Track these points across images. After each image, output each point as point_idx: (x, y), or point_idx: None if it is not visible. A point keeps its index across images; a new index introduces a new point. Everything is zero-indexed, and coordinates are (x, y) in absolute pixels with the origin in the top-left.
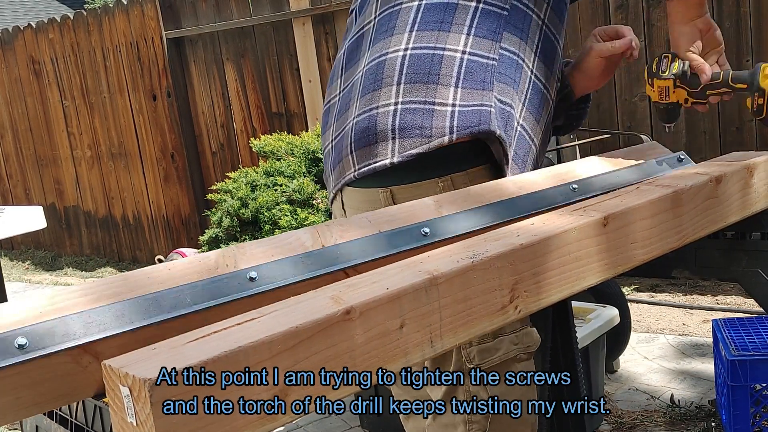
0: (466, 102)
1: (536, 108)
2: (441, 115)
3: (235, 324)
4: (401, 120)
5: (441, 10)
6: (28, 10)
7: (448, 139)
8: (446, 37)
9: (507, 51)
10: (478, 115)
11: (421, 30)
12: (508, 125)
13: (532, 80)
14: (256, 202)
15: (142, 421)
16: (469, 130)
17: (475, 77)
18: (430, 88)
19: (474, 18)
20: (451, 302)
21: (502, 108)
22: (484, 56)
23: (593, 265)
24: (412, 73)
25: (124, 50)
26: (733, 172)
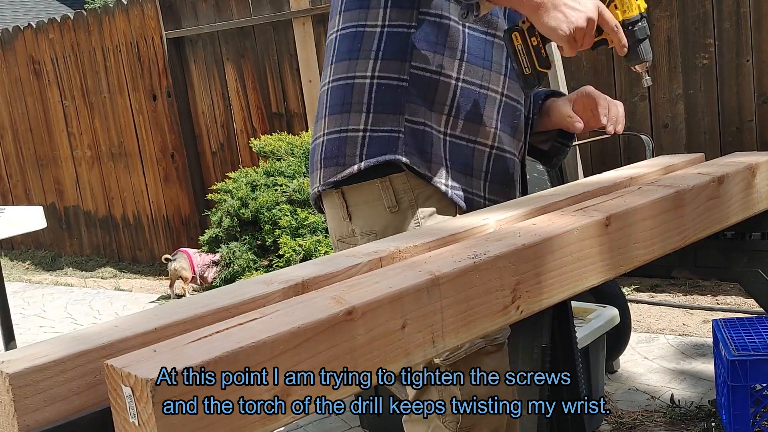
0: (377, 127)
1: (470, 110)
2: (353, 141)
3: (237, 324)
4: (325, 150)
5: (351, 39)
6: (28, 10)
7: (357, 168)
8: (356, 65)
9: (418, 69)
10: (386, 144)
11: (337, 62)
12: (425, 144)
13: (459, 87)
14: (256, 202)
15: (144, 421)
16: (375, 159)
17: (385, 100)
18: (344, 117)
19: (381, 42)
20: (453, 302)
21: (413, 129)
22: (394, 78)
23: (595, 266)
24: (332, 105)
25: (124, 50)
26: (736, 173)
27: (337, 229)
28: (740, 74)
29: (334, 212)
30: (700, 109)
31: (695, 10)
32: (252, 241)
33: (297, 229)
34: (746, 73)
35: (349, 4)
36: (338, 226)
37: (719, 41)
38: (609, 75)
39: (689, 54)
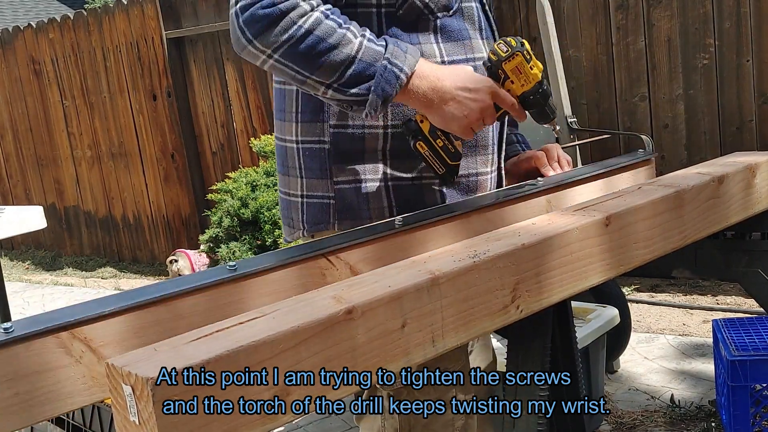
0: (311, 193)
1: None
2: (295, 207)
3: (237, 323)
4: (282, 209)
5: (279, 97)
6: (28, 10)
7: (302, 233)
8: (284, 127)
9: (339, 128)
10: (320, 211)
11: (276, 119)
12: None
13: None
14: (257, 202)
15: (144, 420)
16: (314, 229)
17: (312, 166)
18: (287, 180)
19: (298, 102)
20: (453, 302)
21: (345, 190)
22: (315, 141)
23: (595, 265)
24: (279, 164)
25: (125, 50)
26: (736, 173)
27: None
28: (740, 74)
29: None
30: (700, 109)
31: (695, 10)
32: (252, 241)
33: None
34: (746, 73)
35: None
36: None
37: (719, 41)
38: (609, 75)
39: (689, 54)
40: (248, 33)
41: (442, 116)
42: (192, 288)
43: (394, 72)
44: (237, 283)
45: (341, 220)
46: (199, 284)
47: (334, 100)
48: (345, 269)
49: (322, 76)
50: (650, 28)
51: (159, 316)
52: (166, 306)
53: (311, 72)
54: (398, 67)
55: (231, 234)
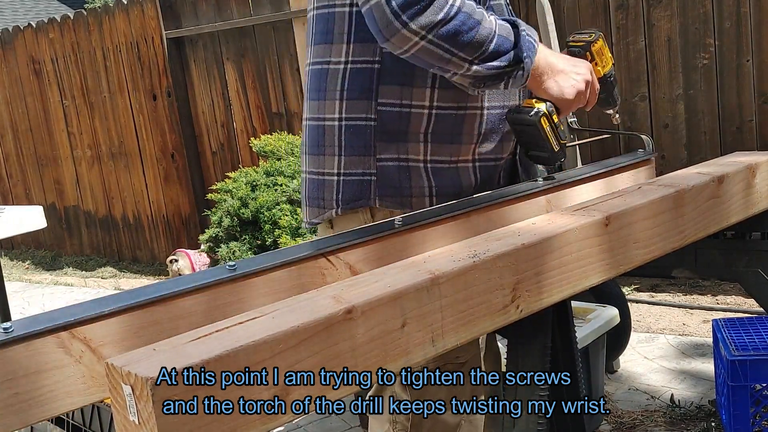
0: (350, 170)
1: (449, 133)
2: (330, 186)
3: (237, 323)
4: (308, 190)
5: (318, 77)
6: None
7: (335, 212)
8: (324, 106)
9: (387, 105)
10: (359, 188)
11: (310, 99)
12: (402, 179)
13: (433, 114)
14: (257, 201)
15: (144, 420)
16: (350, 205)
17: (354, 143)
18: (320, 160)
19: (344, 80)
20: (453, 302)
21: (388, 167)
22: (361, 118)
23: (595, 265)
24: (310, 144)
25: (125, 50)
26: (736, 172)
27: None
28: (740, 74)
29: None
30: (700, 109)
31: (695, 10)
32: (252, 240)
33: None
34: (746, 73)
35: (316, 37)
36: None
37: (719, 41)
38: None
39: (689, 54)
40: (404, 16)
41: (555, 88)
42: (191, 288)
43: (530, 41)
44: (236, 283)
45: (382, 196)
46: (198, 284)
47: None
48: (345, 269)
49: (469, 53)
50: (650, 28)
51: (158, 315)
52: (166, 306)
53: (459, 49)
54: (532, 37)
55: (231, 234)
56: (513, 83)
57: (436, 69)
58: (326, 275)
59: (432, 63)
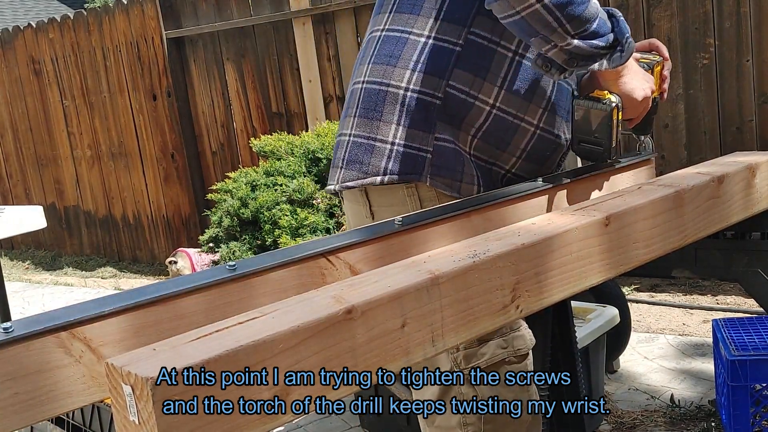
0: (405, 142)
1: (500, 137)
2: (379, 153)
3: (237, 323)
4: (349, 153)
5: (393, 44)
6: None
7: (380, 180)
8: (393, 72)
9: (455, 89)
10: (413, 162)
11: (375, 63)
12: (453, 161)
13: (492, 113)
14: (256, 201)
15: (144, 420)
16: (400, 177)
17: (416, 116)
18: (374, 125)
19: (422, 54)
20: (453, 301)
21: (443, 147)
22: (428, 94)
23: (595, 265)
24: (364, 107)
25: (124, 50)
26: (736, 172)
27: (357, 223)
28: (740, 74)
29: (356, 207)
30: (700, 109)
31: (695, 10)
32: (252, 240)
33: (297, 229)
34: (746, 73)
35: (401, 5)
36: (359, 221)
37: (719, 41)
38: None
39: (689, 54)
40: None
41: (630, 86)
42: (191, 288)
43: (627, 28)
44: (236, 283)
45: (434, 175)
46: (198, 284)
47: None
48: (345, 269)
49: (575, 26)
50: (650, 28)
51: (159, 315)
52: (166, 306)
53: (568, 21)
54: (626, 27)
55: (231, 234)
56: (607, 64)
57: (536, 38)
58: (326, 275)
59: (536, 30)
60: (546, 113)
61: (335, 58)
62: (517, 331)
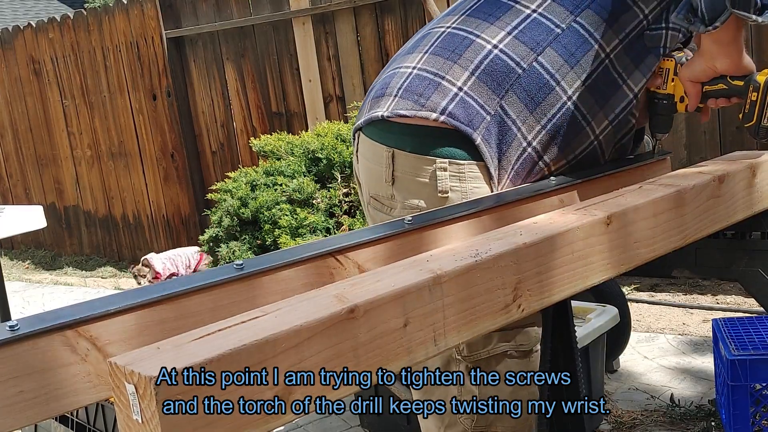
0: (473, 93)
1: (564, 135)
2: (443, 92)
3: (239, 322)
4: (410, 83)
5: (496, 6)
6: (28, 9)
7: (434, 118)
8: (486, 28)
9: (542, 67)
10: (472, 115)
11: (470, 16)
12: (503, 140)
13: (566, 106)
14: (256, 201)
15: (147, 419)
16: (454, 122)
17: (493, 75)
18: (447, 65)
19: (523, 22)
20: (455, 301)
21: (503, 120)
22: (514, 60)
23: (596, 264)
24: (441, 47)
25: (124, 50)
26: (737, 172)
27: (372, 184)
28: None
29: (376, 167)
30: None
31: None
32: (252, 240)
33: (297, 229)
34: None
35: None
36: (375, 183)
37: None
38: None
39: None
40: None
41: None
42: (198, 287)
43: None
44: (243, 282)
45: (485, 140)
46: (205, 283)
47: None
48: (354, 269)
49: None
50: None
51: (164, 314)
52: (172, 305)
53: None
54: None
55: (231, 234)
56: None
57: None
58: (335, 275)
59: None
60: (610, 127)
61: (335, 58)
62: (527, 327)
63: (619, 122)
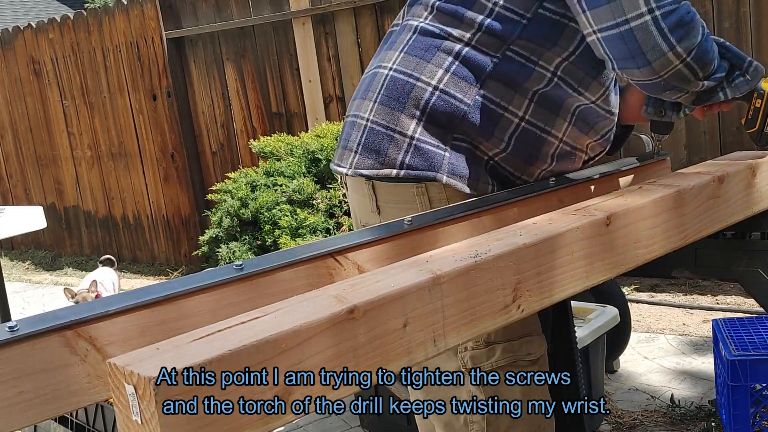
0: (425, 138)
1: (525, 151)
2: (397, 145)
3: (239, 323)
4: (366, 138)
5: (429, 39)
6: (28, 10)
7: (395, 173)
8: (425, 67)
9: (486, 99)
10: (430, 158)
11: (408, 53)
12: (471, 163)
13: (521, 126)
14: (256, 202)
15: (146, 419)
16: (414, 173)
17: (439, 116)
18: (395, 115)
19: (458, 58)
20: (455, 301)
21: (461, 147)
22: (457, 98)
23: (596, 264)
24: (387, 95)
25: (124, 50)
26: (736, 172)
27: (362, 213)
28: None
29: (361, 199)
30: None
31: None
32: (252, 241)
33: (297, 230)
34: None
35: (445, 6)
36: (365, 214)
37: None
38: None
39: None
40: (672, 38)
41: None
42: (198, 288)
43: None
44: (243, 283)
45: (453, 174)
46: (205, 284)
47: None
48: (353, 269)
49: (705, 71)
50: None
51: (164, 315)
52: (172, 305)
53: (702, 68)
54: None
55: (231, 234)
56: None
57: (669, 92)
58: (334, 275)
59: (673, 85)
60: (570, 128)
61: (335, 58)
62: (528, 336)
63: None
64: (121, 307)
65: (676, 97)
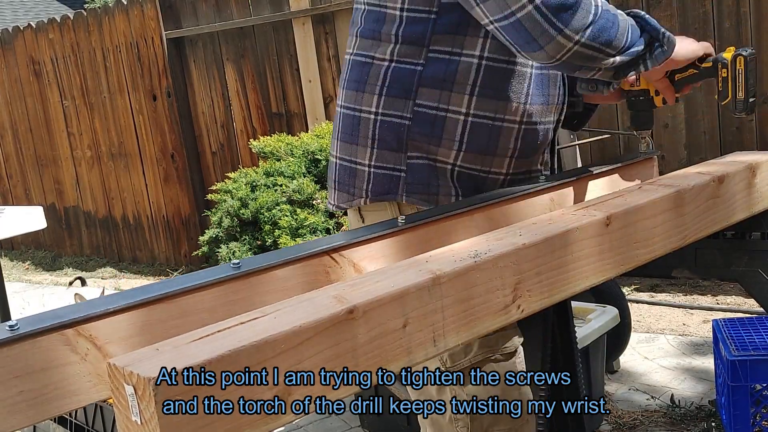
0: (380, 164)
1: (482, 144)
2: (361, 175)
3: (238, 323)
4: (338, 174)
5: (360, 69)
6: (28, 10)
7: (364, 201)
8: (362, 98)
9: (423, 107)
10: (389, 182)
11: (347, 88)
12: (430, 178)
13: (468, 121)
14: (256, 202)
15: (146, 420)
16: (377, 199)
17: (387, 138)
18: (353, 148)
19: (386, 78)
20: (454, 301)
21: (417, 165)
22: (396, 116)
23: (596, 265)
24: (343, 131)
25: (124, 50)
26: (736, 172)
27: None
28: None
29: (354, 221)
30: (700, 109)
31: (695, 10)
32: (252, 241)
33: (297, 230)
34: None
35: (364, 30)
36: None
37: (719, 41)
38: None
39: None
40: (558, 23)
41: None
42: (196, 286)
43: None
44: (241, 281)
45: (410, 193)
46: (203, 282)
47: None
48: (349, 267)
49: (614, 48)
50: None
51: (164, 313)
52: (171, 303)
53: (607, 45)
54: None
55: (231, 234)
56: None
57: (581, 71)
58: (330, 273)
59: (580, 65)
60: (526, 108)
61: (335, 58)
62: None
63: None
64: (121, 306)
65: (591, 75)
